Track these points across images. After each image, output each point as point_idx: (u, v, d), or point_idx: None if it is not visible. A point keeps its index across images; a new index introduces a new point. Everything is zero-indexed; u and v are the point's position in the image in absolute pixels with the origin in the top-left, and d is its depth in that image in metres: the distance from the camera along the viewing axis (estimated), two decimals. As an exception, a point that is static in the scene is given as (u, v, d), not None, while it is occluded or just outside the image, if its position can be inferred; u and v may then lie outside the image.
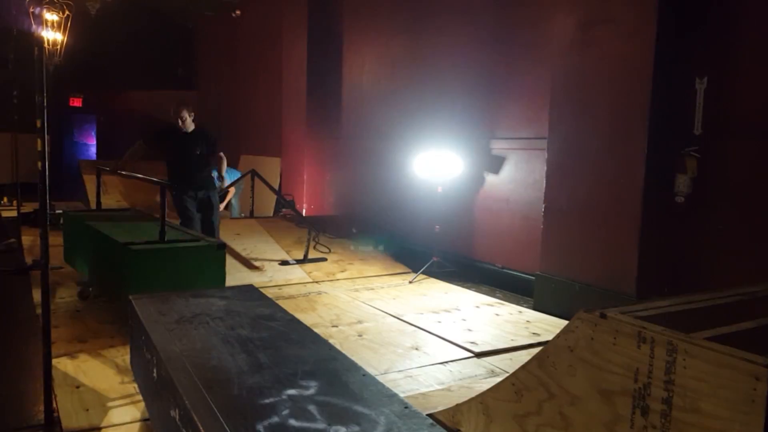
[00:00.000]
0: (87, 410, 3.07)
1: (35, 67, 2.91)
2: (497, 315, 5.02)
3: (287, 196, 9.34)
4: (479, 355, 4.04)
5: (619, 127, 4.63)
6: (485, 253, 6.50)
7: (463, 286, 5.99)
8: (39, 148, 2.89)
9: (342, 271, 6.38)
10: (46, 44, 8.92)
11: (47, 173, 2.92)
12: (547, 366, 2.26)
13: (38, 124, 2.89)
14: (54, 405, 3.05)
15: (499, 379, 2.61)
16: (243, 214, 9.45)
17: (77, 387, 3.35)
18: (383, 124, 8.22)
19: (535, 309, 5.24)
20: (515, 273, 6.06)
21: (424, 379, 3.61)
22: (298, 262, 6.39)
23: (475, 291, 5.85)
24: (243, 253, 6.38)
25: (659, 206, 4.48)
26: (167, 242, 4.35)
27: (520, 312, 5.14)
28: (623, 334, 1.98)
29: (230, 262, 6.17)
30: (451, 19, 7.01)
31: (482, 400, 2.53)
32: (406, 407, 2.00)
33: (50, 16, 8.99)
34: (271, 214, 9.61)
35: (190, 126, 6.11)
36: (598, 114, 4.80)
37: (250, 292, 3.50)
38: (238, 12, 11.99)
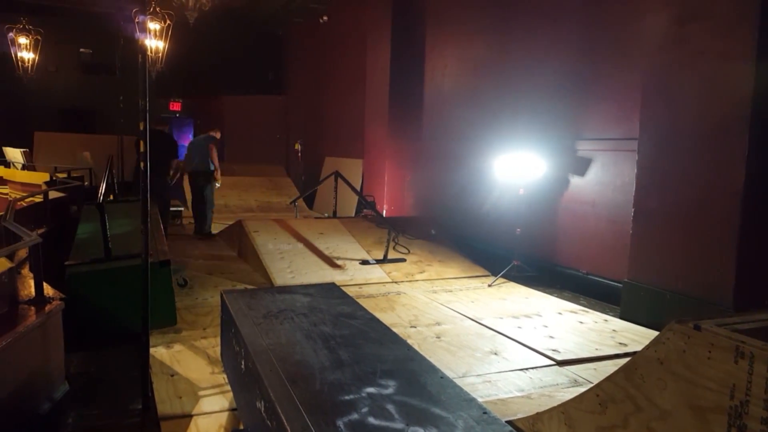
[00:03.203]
0: (180, 398, 3.27)
1: (139, 74, 3.13)
2: (581, 323, 4.86)
3: (368, 197, 9.49)
4: (561, 363, 3.93)
5: (716, 126, 4.36)
6: (569, 258, 6.30)
7: (545, 292, 5.85)
8: (141, 150, 3.11)
9: (421, 272, 6.40)
10: (148, 52, 9.56)
11: (149, 173, 3.14)
12: (634, 378, 2.17)
13: (141, 127, 3.11)
14: (150, 392, 3.26)
15: (582, 389, 2.54)
16: (327, 214, 9.69)
17: (172, 375, 3.57)
18: (464, 126, 8.17)
19: (622, 318, 5.02)
20: (601, 279, 5.84)
21: (503, 384, 3.56)
22: (378, 262, 6.47)
23: (557, 297, 5.69)
24: (326, 252, 6.55)
25: (760, 211, 4.17)
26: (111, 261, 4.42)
27: (606, 320, 4.95)
28: (719, 348, 1.87)
29: (314, 260, 6.37)
30: (535, 19, 6.87)
31: (564, 409, 2.47)
32: (484, 413, 1.99)
33: (153, 25, 9.64)
34: (353, 215, 9.79)
35: None
36: (694, 113, 4.54)
37: (332, 290, 3.59)
38: (325, 18, 12.30)
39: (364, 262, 6.43)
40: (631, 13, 5.54)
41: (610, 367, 3.58)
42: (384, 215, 8.99)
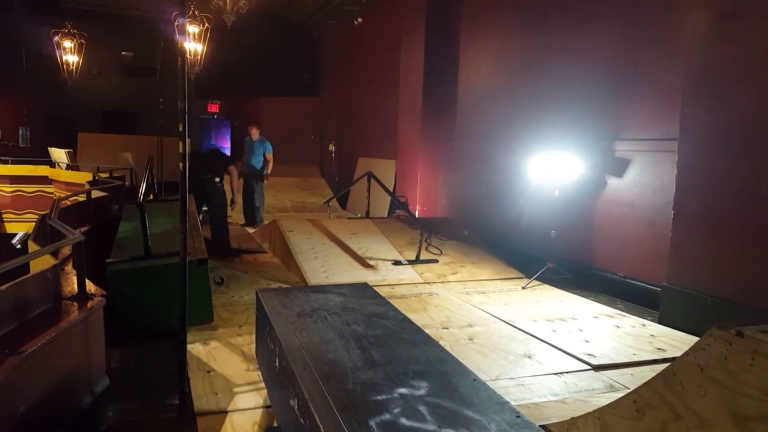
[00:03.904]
0: (216, 394, 3.33)
1: (178, 76, 3.20)
2: (618, 327, 4.77)
3: (401, 198, 9.48)
4: (597, 368, 3.86)
5: (760, 126, 4.22)
6: (605, 261, 6.18)
7: (580, 295, 5.75)
8: (180, 150, 3.18)
9: (453, 273, 6.37)
10: (188, 54, 9.77)
11: (187, 173, 3.21)
12: (673, 385, 2.12)
13: (180, 128, 3.18)
14: (187, 387, 3.33)
15: (618, 395, 2.49)
16: (359, 214, 9.73)
17: (208, 372, 3.64)
18: (498, 126, 8.09)
19: (660, 323, 4.90)
20: (639, 283, 5.71)
21: (537, 388, 3.52)
22: (411, 262, 6.47)
23: (593, 300, 5.59)
24: (358, 252, 6.58)
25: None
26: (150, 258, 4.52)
27: (644, 325, 4.84)
28: (762, 355, 1.81)
29: (347, 259, 6.41)
30: (572, 18, 6.76)
31: (600, 415, 2.42)
32: (517, 416, 1.97)
33: (192, 29, 9.85)
34: (386, 215, 9.80)
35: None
36: (737, 112, 4.40)
37: (365, 290, 3.61)
38: (360, 19, 12.35)
39: (397, 263, 6.43)
40: (671, 11, 5.40)
41: (648, 372, 3.50)
42: (416, 216, 8.98)
